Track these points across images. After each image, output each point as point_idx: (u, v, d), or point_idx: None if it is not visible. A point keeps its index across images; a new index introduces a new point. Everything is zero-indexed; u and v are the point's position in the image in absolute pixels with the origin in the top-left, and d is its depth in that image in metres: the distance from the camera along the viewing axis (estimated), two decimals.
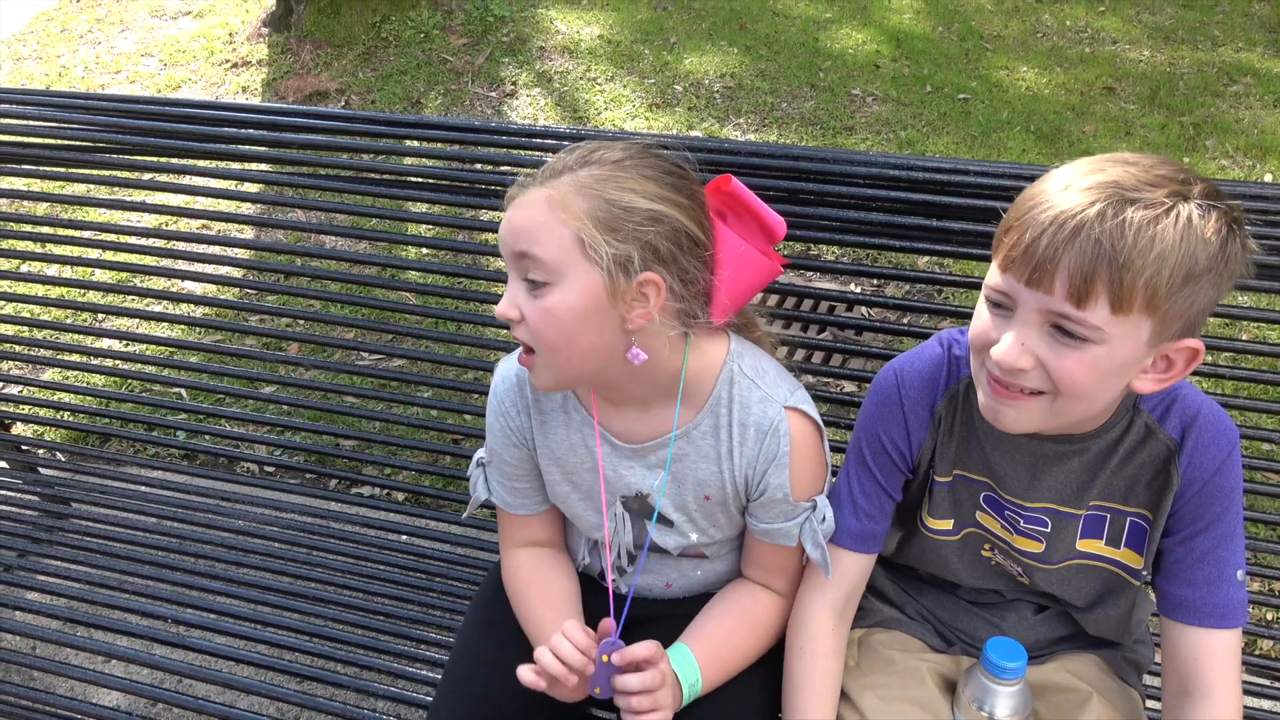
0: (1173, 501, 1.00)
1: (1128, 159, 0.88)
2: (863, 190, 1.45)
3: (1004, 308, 0.91)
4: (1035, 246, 0.85)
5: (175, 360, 2.38)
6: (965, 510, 1.11)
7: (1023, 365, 0.89)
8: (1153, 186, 0.84)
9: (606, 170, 0.99)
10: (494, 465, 1.20)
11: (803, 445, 1.08)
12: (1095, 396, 0.92)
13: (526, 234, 0.98)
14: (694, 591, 1.21)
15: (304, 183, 1.80)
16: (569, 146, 1.05)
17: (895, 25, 4.66)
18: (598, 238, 0.95)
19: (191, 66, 4.49)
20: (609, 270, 0.96)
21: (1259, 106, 3.89)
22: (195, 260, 1.97)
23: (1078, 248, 0.84)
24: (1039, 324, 0.88)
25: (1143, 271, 0.83)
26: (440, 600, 1.59)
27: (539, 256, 0.97)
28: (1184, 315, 0.87)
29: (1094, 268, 0.83)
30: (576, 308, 0.97)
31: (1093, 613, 1.11)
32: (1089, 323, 0.85)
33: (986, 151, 3.63)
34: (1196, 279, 0.85)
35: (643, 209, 0.97)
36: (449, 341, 1.84)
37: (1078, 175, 0.88)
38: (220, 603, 1.60)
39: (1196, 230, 0.84)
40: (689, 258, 1.00)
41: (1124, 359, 0.88)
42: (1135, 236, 0.82)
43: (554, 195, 0.97)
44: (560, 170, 1.00)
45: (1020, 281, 0.88)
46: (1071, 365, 0.87)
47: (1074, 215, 0.84)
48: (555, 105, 4.04)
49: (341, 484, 2.30)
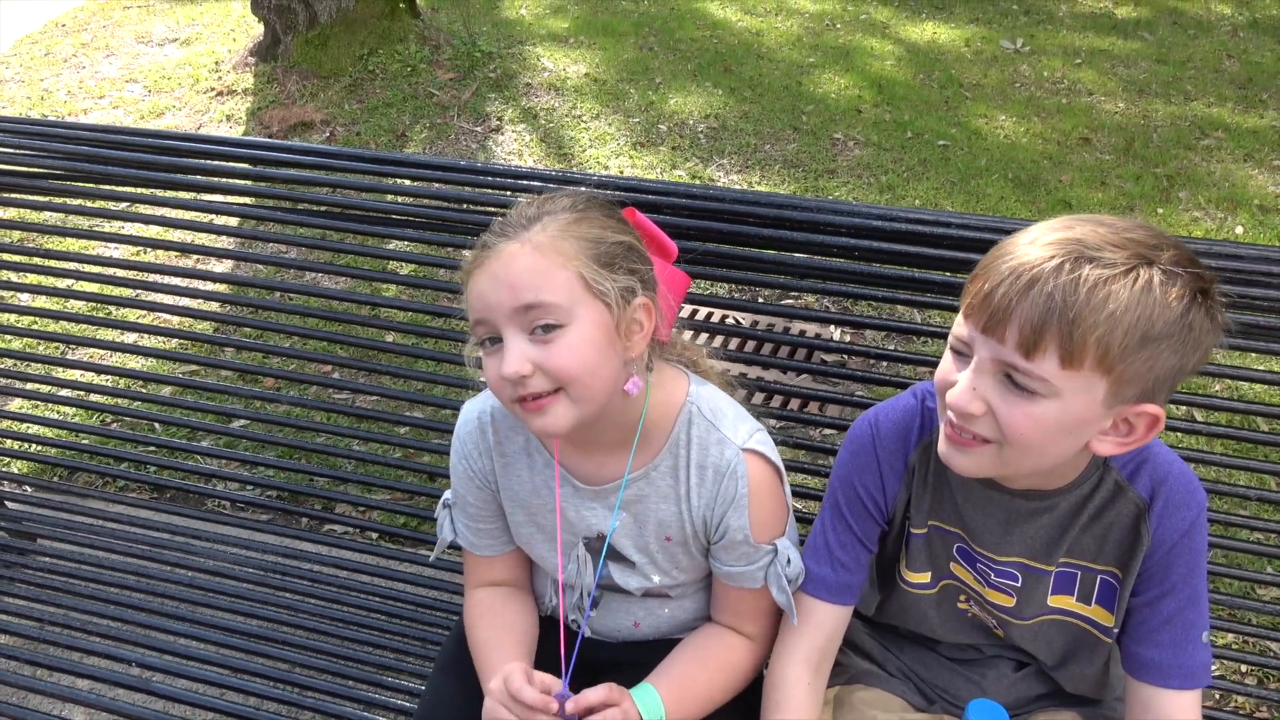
0: (1142, 561, 1.00)
1: (1103, 220, 0.89)
2: (846, 240, 1.46)
3: (963, 354, 0.93)
4: (992, 296, 0.87)
5: (147, 393, 2.34)
6: (940, 562, 1.11)
7: (974, 410, 0.90)
8: (1117, 248, 0.86)
9: (572, 215, 1.03)
10: (459, 507, 1.21)
11: (760, 487, 1.09)
12: (1042, 450, 0.92)
13: (530, 285, 0.97)
14: (663, 632, 1.21)
15: (284, 217, 1.79)
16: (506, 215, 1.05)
17: (877, 71, 4.73)
18: (599, 274, 1.00)
19: (176, 94, 4.48)
20: (615, 302, 1.00)
21: (1230, 160, 3.97)
22: (170, 292, 1.95)
23: (1030, 300, 0.85)
24: (992, 372, 0.90)
25: (1094, 328, 0.84)
26: (412, 646, 1.56)
27: (550, 302, 0.97)
28: (1142, 379, 0.87)
29: (1044, 320, 0.84)
30: (595, 340, 0.99)
31: (1066, 669, 1.11)
32: (1036, 374, 0.86)
33: (965, 197, 3.68)
34: (1155, 343, 0.85)
35: (620, 242, 1.03)
36: (427, 380, 1.82)
37: (1046, 230, 0.90)
38: (186, 646, 1.56)
39: (1155, 294, 0.84)
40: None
41: (1075, 416, 0.89)
42: (1088, 293, 0.84)
43: (539, 244, 0.99)
44: (525, 223, 1.02)
45: (977, 329, 0.89)
46: (1019, 416, 0.88)
47: (1031, 268, 0.86)
48: (540, 142, 4.05)
49: (313, 522, 2.26)
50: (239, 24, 5.21)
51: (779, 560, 1.10)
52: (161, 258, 3.16)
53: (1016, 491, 1.02)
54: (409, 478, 2.27)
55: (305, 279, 3.01)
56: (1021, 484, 1.01)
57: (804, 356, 2.69)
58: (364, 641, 1.57)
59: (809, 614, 1.11)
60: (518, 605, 1.23)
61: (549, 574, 1.21)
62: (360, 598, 1.65)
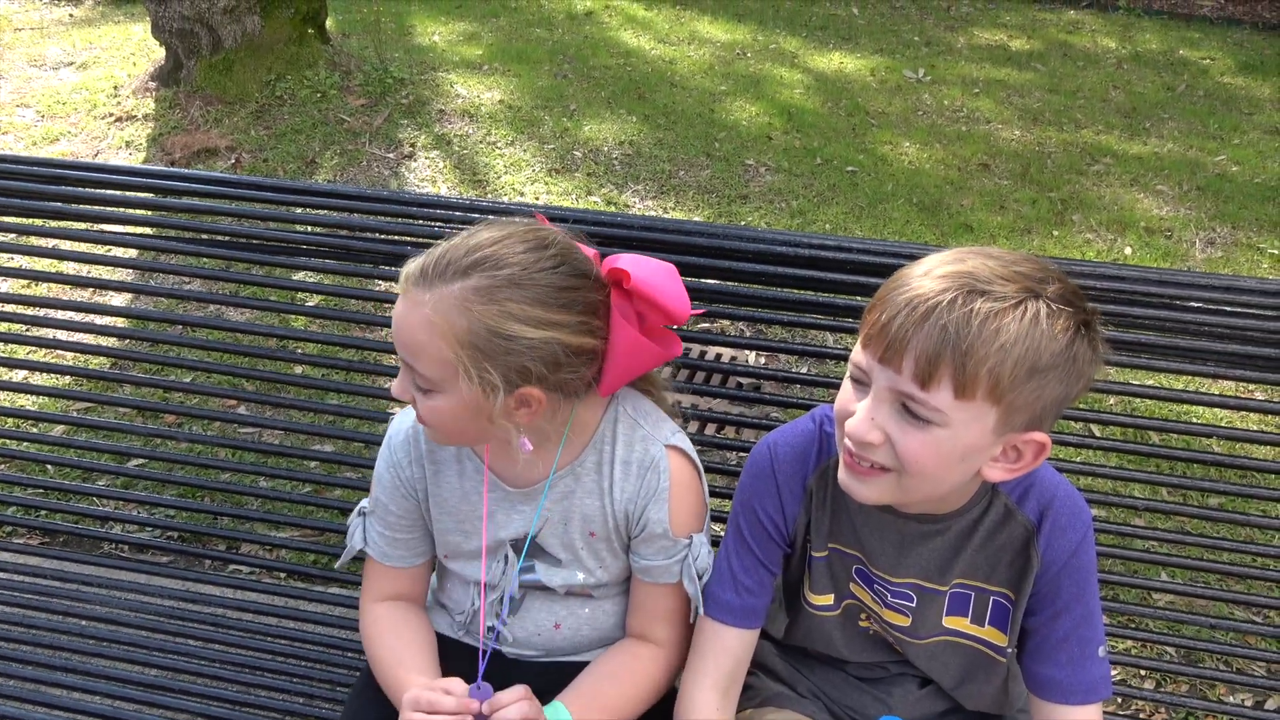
0: (1033, 582, 1.03)
1: (992, 253, 0.92)
2: (752, 266, 1.49)
3: (862, 383, 0.95)
4: (889, 327, 0.90)
5: (37, 433, 2.23)
6: (841, 583, 1.13)
7: (872, 439, 0.92)
8: (1006, 281, 0.89)
9: (496, 286, 0.99)
10: (377, 515, 1.21)
11: (681, 481, 1.13)
12: (939, 478, 0.95)
13: (408, 347, 1.01)
14: (582, 638, 1.20)
15: (185, 248, 1.74)
16: (468, 231, 1.05)
17: (786, 100, 4.85)
18: (473, 365, 0.99)
19: (72, 119, 4.31)
20: (485, 390, 1.00)
21: (1118, 185, 4.18)
22: (63, 327, 1.86)
23: (925, 331, 0.88)
24: (889, 401, 0.92)
25: (985, 360, 0.86)
26: (320, 689, 1.50)
27: (420, 371, 1.01)
28: (1030, 408, 0.90)
29: (939, 352, 0.87)
30: (458, 411, 1.03)
31: (964, 689, 1.14)
32: (932, 404, 0.89)
33: (873, 221, 3.79)
34: (1042, 373, 0.88)
35: (524, 339, 0.99)
36: (337, 413, 1.78)
37: (939, 263, 0.92)
38: (77, 700, 1.48)
39: (1043, 326, 0.88)
40: (569, 370, 1.03)
41: (969, 445, 0.91)
42: (980, 326, 0.86)
43: (436, 313, 0.98)
44: (449, 271, 1.00)
45: (875, 359, 0.92)
46: (915, 445, 0.91)
47: (926, 300, 0.88)
48: (454, 168, 4.03)
49: (216, 564, 2.17)
50: (139, 48, 5.05)
51: (692, 553, 1.13)
52: (54, 291, 3.02)
53: (910, 515, 1.04)
54: (318, 513, 2.21)
55: (208, 311, 2.92)
56: (915, 508, 1.03)
57: (719, 381, 2.72)
58: (270, 687, 1.51)
59: (715, 639, 1.12)
60: (418, 620, 1.23)
61: (469, 579, 1.21)
62: (266, 640, 1.59)
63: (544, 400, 1.03)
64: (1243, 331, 1.38)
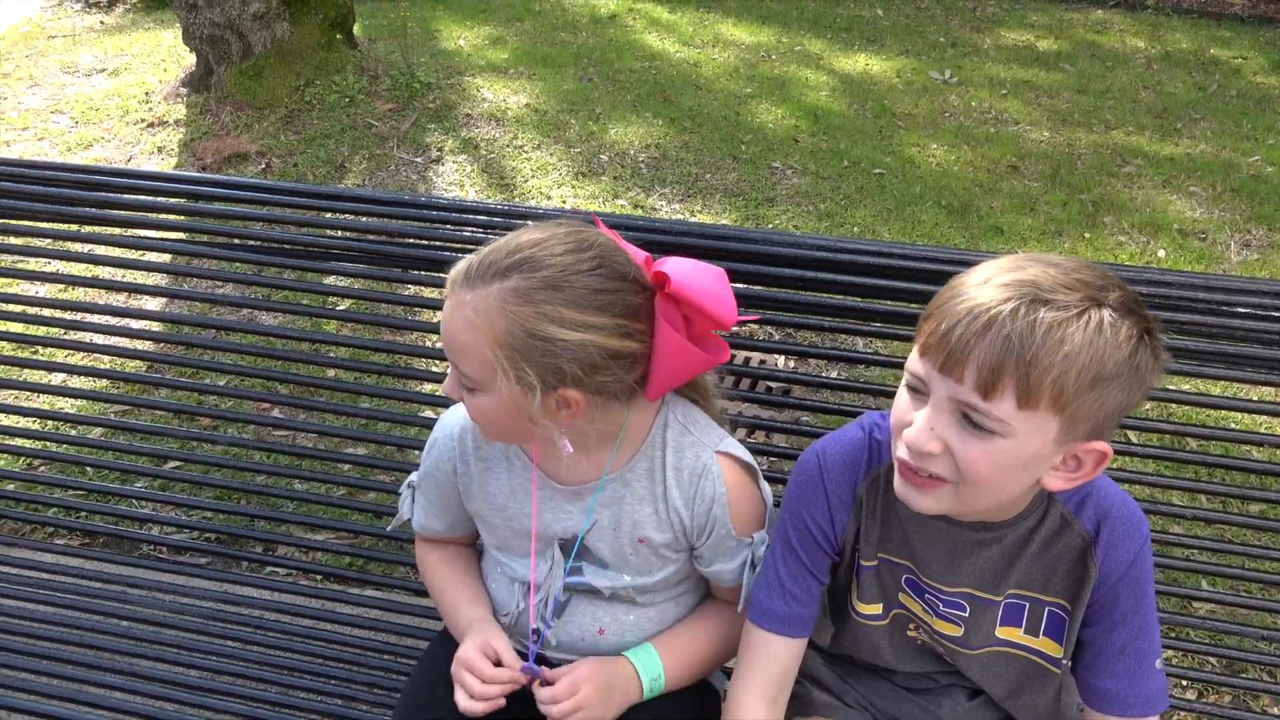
0: (1090, 593, 1.02)
1: (1051, 260, 0.91)
2: (790, 271, 1.48)
3: (920, 392, 0.94)
4: (949, 336, 0.88)
5: (76, 435, 2.26)
6: (890, 592, 1.12)
7: (931, 449, 0.91)
8: (1068, 289, 0.88)
9: (533, 287, 1.00)
10: (422, 490, 1.27)
11: (737, 487, 1.14)
12: (999, 488, 0.94)
13: (452, 347, 1.04)
14: (625, 642, 1.21)
15: (218, 253, 1.75)
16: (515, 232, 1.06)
17: (812, 102, 4.83)
18: (511, 365, 1.01)
19: (105, 125, 4.37)
20: (524, 390, 1.01)
21: (1150, 186, 4.14)
22: (100, 330, 1.88)
23: (988, 341, 0.86)
24: (949, 411, 0.91)
25: (1050, 370, 0.85)
26: (360, 691, 1.51)
27: (464, 370, 1.04)
28: (1092, 417, 0.89)
29: (1002, 362, 0.86)
30: (501, 410, 1.05)
31: (1016, 700, 1.12)
32: (994, 415, 0.88)
33: (902, 224, 3.76)
34: (1105, 383, 0.87)
35: (562, 340, 1.00)
36: (369, 416, 1.79)
37: (998, 271, 0.91)
38: (122, 700, 1.49)
39: (1107, 335, 0.87)
40: (608, 372, 1.03)
41: (1030, 454, 0.90)
42: (1044, 336, 0.85)
43: (476, 314, 1.01)
44: (490, 272, 1.02)
45: (934, 368, 0.90)
46: (976, 455, 0.90)
47: (988, 310, 0.87)
48: (482, 172, 4.04)
49: (253, 565, 2.19)
50: (170, 54, 5.11)
51: (755, 551, 1.16)
52: (91, 295, 3.06)
53: (964, 524, 1.03)
54: (352, 516, 2.22)
55: (241, 315, 2.95)
56: (971, 517, 1.02)
57: (749, 385, 2.72)
58: (310, 689, 1.52)
59: (763, 647, 1.11)
60: (465, 556, 1.32)
61: (514, 578, 1.22)
62: (305, 643, 1.60)
63: (583, 402, 1.04)
64: None
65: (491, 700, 1.11)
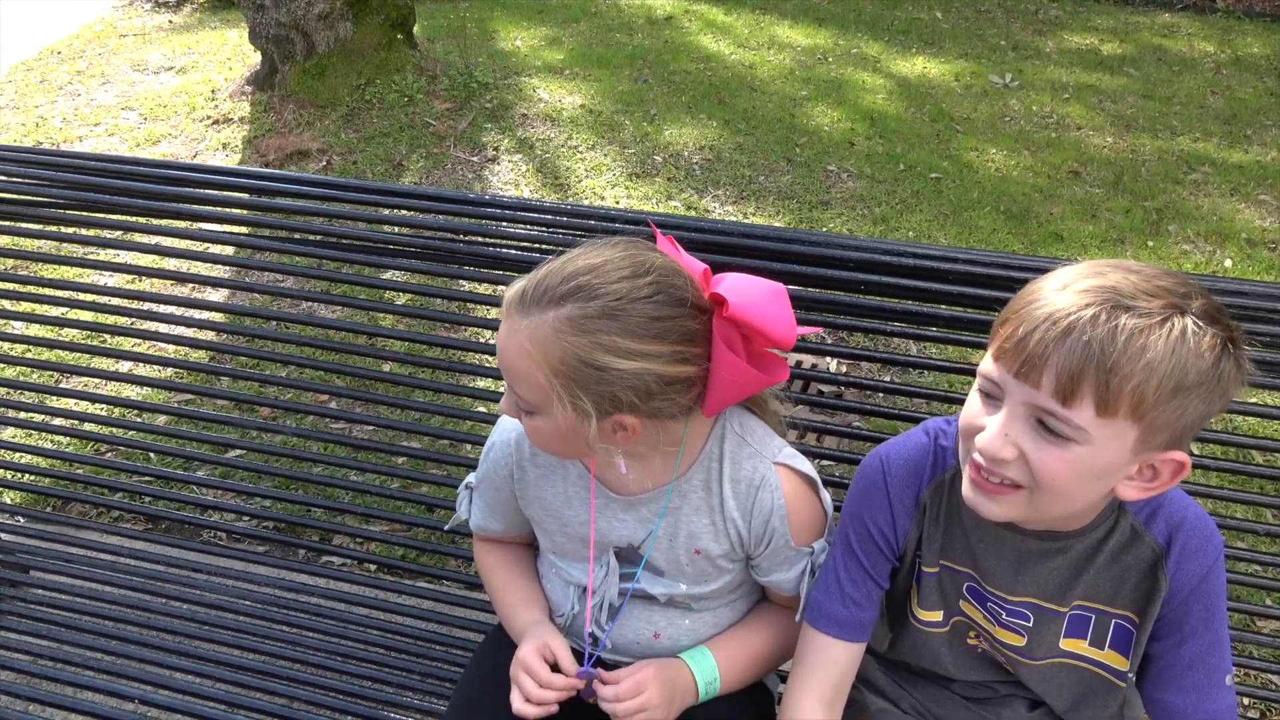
0: (1160, 606, 1.00)
1: (1131, 266, 0.89)
2: (852, 275, 1.47)
3: (993, 397, 0.92)
4: (1027, 341, 0.87)
5: (142, 422, 2.33)
6: (951, 600, 1.11)
7: (1005, 455, 0.90)
8: (1150, 296, 0.86)
9: (588, 316, 0.99)
10: (480, 491, 1.28)
11: (796, 498, 1.13)
12: (1074, 496, 0.92)
13: (509, 371, 1.04)
14: (681, 646, 1.21)
15: (281, 247, 1.79)
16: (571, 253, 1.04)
17: (869, 105, 4.79)
18: (566, 393, 1.00)
19: (172, 122, 4.49)
20: (581, 415, 1.01)
21: (1217, 194, 4.03)
22: (166, 320, 1.94)
23: (1068, 347, 0.85)
24: (1025, 417, 0.89)
25: (1130, 378, 0.84)
26: (414, 681, 1.54)
27: (520, 394, 1.04)
28: (1171, 427, 0.87)
29: (1082, 368, 0.84)
30: (557, 433, 1.05)
31: (1078, 714, 1.10)
32: (1073, 422, 0.86)
33: (958, 229, 3.71)
34: (1186, 392, 0.86)
35: (616, 370, 0.99)
36: (424, 410, 1.82)
37: (1077, 276, 0.90)
38: (186, 681, 1.54)
39: (1189, 344, 0.85)
40: (664, 398, 1.03)
41: (1107, 463, 0.89)
42: (1126, 343, 0.84)
43: (531, 341, 1.00)
44: (545, 299, 1.00)
45: (1010, 373, 0.89)
46: (1053, 462, 0.88)
47: (1067, 315, 0.86)
48: (536, 172, 4.08)
49: (310, 554, 2.24)
50: (235, 53, 5.24)
51: (814, 560, 1.16)
52: (157, 286, 3.15)
53: (1030, 532, 1.02)
54: (407, 509, 2.26)
55: (301, 308, 3.01)
56: (1039, 526, 1.00)
57: (801, 388, 2.70)
58: (366, 676, 1.55)
59: (821, 651, 1.10)
60: (523, 557, 1.32)
61: (570, 581, 1.23)
62: (361, 631, 1.63)
63: (639, 426, 1.03)
64: None
65: (547, 705, 1.12)
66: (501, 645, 1.25)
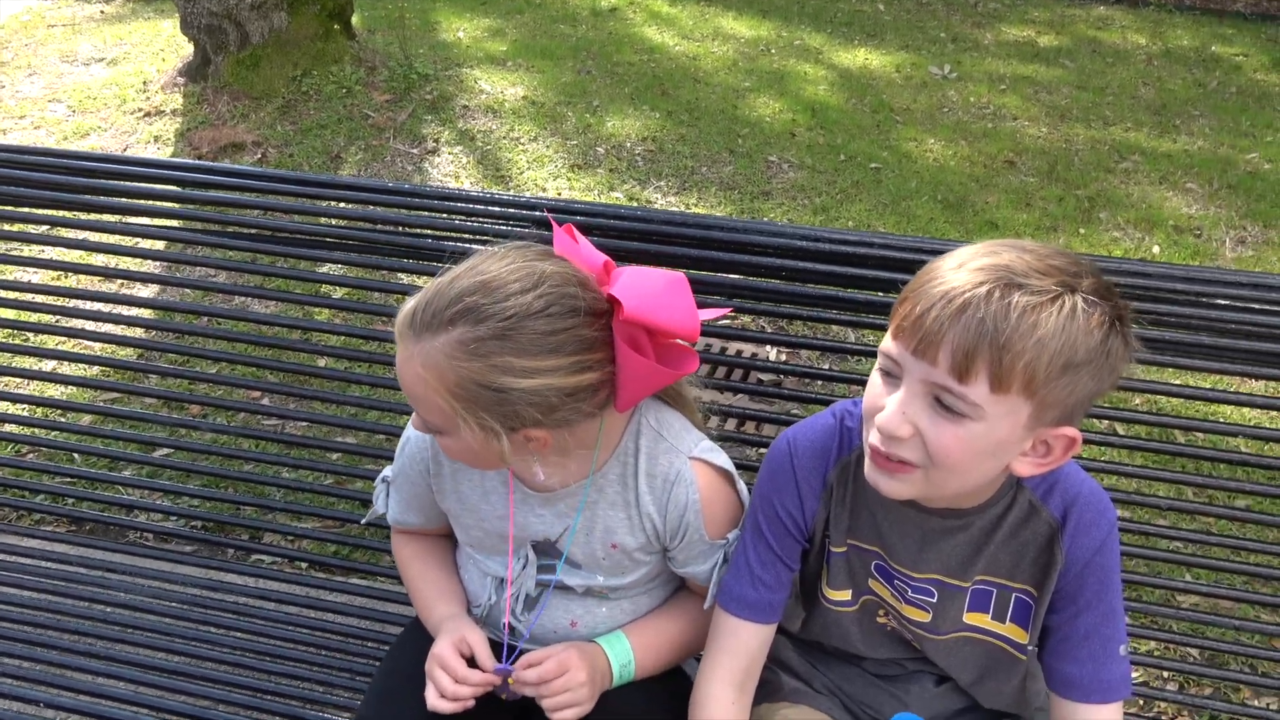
0: (1056, 580, 1.02)
1: (1025, 246, 0.91)
2: (773, 260, 1.48)
3: (893, 375, 0.94)
4: (924, 318, 0.88)
5: (65, 422, 2.26)
6: (860, 579, 1.13)
7: (902, 433, 0.91)
8: (1042, 275, 0.88)
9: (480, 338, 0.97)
10: (396, 485, 1.27)
11: (711, 492, 1.13)
12: (969, 472, 0.94)
13: (409, 395, 1.03)
14: (598, 634, 1.20)
15: (212, 240, 1.75)
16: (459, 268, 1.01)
17: (810, 96, 4.83)
18: (470, 414, 0.99)
19: (102, 114, 4.37)
20: (488, 434, 1.01)
21: (1146, 182, 4.13)
22: (92, 318, 1.89)
23: (962, 324, 0.87)
24: (922, 395, 0.91)
25: (1022, 354, 0.86)
26: (339, 678, 1.52)
27: (427, 419, 1.04)
28: (1062, 403, 0.89)
29: (976, 345, 0.86)
30: (468, 449, 1.05)
31: (982, 686, 1.13)
32: (969, 399, 0.88)
33: (897, 218, 3.76)
34: (1076, 369, 0.87)
35: (516, 390, 0.98)
36: (360, 405, 1.79)
37: (973, 255, 0.91)
38: (101, 685, 1.50)
39: (1079, 321, 0.87)
40: (568, 409, 1.02)
41: (1000, 439, 0.90)
42: (1018, 320, 0.85)
43: (425, 367, 0.98)
44: (435, 322, 0.98)
45: (908, 351, 0.90)
46: (948, 440, 0.90)
47: (962, 293, 0.87)
48: (477, 164, 4.04)
49: (239, 553, 2.20)
50: (168, 44, 5.11)
51: (728, 550, 1.16)
52: (83, 282, 3.07)
53: (933, 510, 1.03)
54: (340, 505, 2.22)
55: (234, 303, 2.95)
56: (939, 504, 1.02)
57: (740, 376, 2.71)
58: (290, 675, 1.52)
59: (731, 634, 1.12)
60: (441, 550, 1.31)
61: (487, 572, 1.23)
62: (287, 629, 1.61)
63: (549, 438, 1.03)
64: (1272, 329, 1.35)
65: (462, 701, 1.11)
66: (419, 637, 1.23)
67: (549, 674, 1.10)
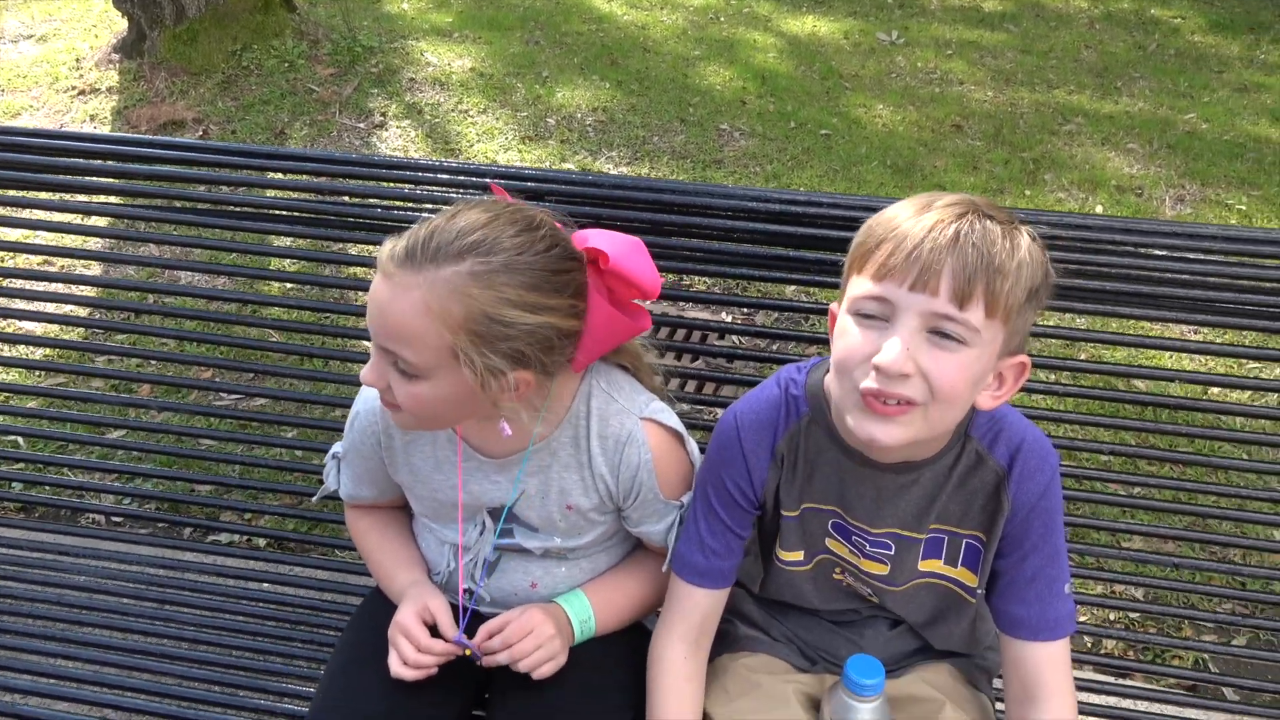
0: (1003, 525, 1.05)
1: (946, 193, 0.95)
2: (725, 222, 1.49)
3: (877, 318, 0.93)
4: (919, 251, 0.90)
5: (11, 407, 2.21)
6: (815, 539, 1.15)
7: (908, 370, 0.90)
8: (991, 209, 0.93)
9: (492, 270, 0.97)
10: (347, 461, 1.26)
11: (662, 451, 1.14)
12: (963, 403, 0.96)
13: (398, 335, 0.98)
14: (559, 593, 1.21)
15: (156, 216, 1.72)
16: (449, 212, 1.02)
17: (760, 64, 4.83)
18: (471, 351, 0.97)
19: (33, 93, 4.23)
20: (480, 375, 0.98)
21: (1090, 144, 4.21)
22: (35, 298, 1.84)
23: (959, 251, 0.89)
24: (919, 329, 0.91)
25: (1008, 278, 0.89)
26: (303, 650, 1.52)
27: (410, 360, 0.99)
28: (1021, 331, 0.94)
29: (974, 271, 0.89)
30: (446, 398, 1.02)
31: (935, 628, 1.16)
32: (970, 324, 0.90)
33: (847, 184, 3.79)
34: (1036, 295, 0.92)
35: (520, 324, 0.98)
36: (314, 379, 1.78)
37: (931, 199, 0.94)
38: (58, 666, 1.48)
39: (1036, 250, 0.92)
40: (559, 352, 1.03)
41: (984, 367, 0.94)
42: (1001, 244, 0.90)
43: (431, 297, 0.96)
44: (440, 254, 0.97)
45: (902, 287, 0.91)
46: (950, 368, 0.91)
47: (950, 224, 0.90)
48: (426, 137, 3.99)
49: (197, 532, 2.18)
50: (101, 19, 4.95)
51: (683, 514, 1.18)
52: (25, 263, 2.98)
53: (886, 467, 1.05)
54: (298, 480, 2.21)
55: (181, 280, 2.89)
56: (894, 456, 1.03)
57: (698, 339, 2.73)
58: (251, 649, 1.52)
59: (686, 598, 1.14)
60: (396, 522, 1.31)
61: (444, 540, 1.23)
62: (247, 605, 1.60)
63: (533, 383, 1.03)
64: (1204, 277, 1.40)
65: (425, 669, 1.12)
66: (380, 607, 1.24)
67: (513, 637, 1.11)
